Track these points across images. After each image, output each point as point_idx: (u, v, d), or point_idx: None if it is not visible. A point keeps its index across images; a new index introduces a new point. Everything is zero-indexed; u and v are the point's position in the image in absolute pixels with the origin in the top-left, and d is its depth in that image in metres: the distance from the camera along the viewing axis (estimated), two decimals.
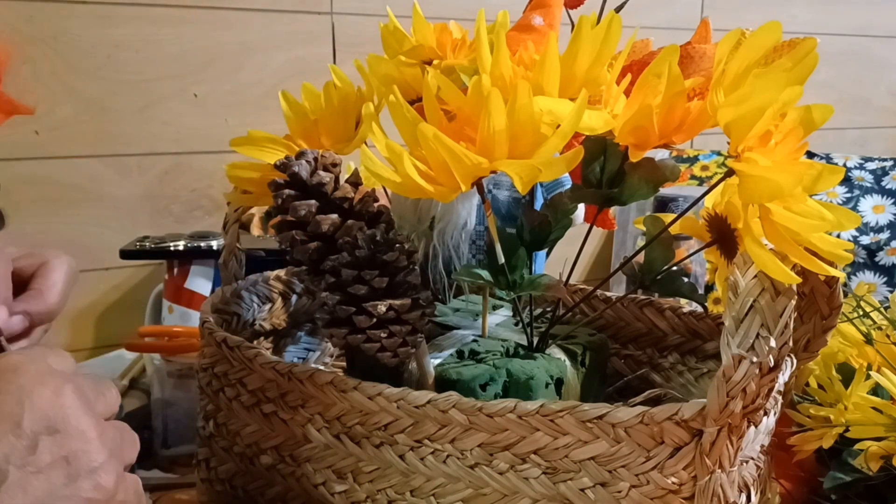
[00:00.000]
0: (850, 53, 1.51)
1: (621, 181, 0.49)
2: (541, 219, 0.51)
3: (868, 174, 1.24)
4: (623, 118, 0.45)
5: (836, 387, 0.57)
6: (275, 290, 0.68)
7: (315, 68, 1.05)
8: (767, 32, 0.41)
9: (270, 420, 0.51)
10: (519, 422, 0.42)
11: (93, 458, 0.35)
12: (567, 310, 0.59)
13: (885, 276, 1.13)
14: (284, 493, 0.52)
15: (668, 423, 0.39)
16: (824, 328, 0.50)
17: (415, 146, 0.44)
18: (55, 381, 0.35)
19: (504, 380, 0.50)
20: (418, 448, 0.45)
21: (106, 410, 0.38)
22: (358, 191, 0.49)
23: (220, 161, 1.02)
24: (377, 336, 0.46)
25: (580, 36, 0.45)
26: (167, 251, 0.87)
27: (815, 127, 0.39)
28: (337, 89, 0.57)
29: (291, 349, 0.70)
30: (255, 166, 0.56)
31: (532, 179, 0.42)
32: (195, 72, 1.00)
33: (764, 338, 0.37)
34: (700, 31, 0.52)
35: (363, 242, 0.46)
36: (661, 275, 0.51)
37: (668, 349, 0.65)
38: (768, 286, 0.38)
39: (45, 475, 0.33)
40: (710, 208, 0.48)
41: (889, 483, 0.52)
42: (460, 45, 0.56)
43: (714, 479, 0.39)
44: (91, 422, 0.36)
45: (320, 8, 1.06)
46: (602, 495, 0.41)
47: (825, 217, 0.38)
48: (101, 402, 0.38)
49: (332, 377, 0.47)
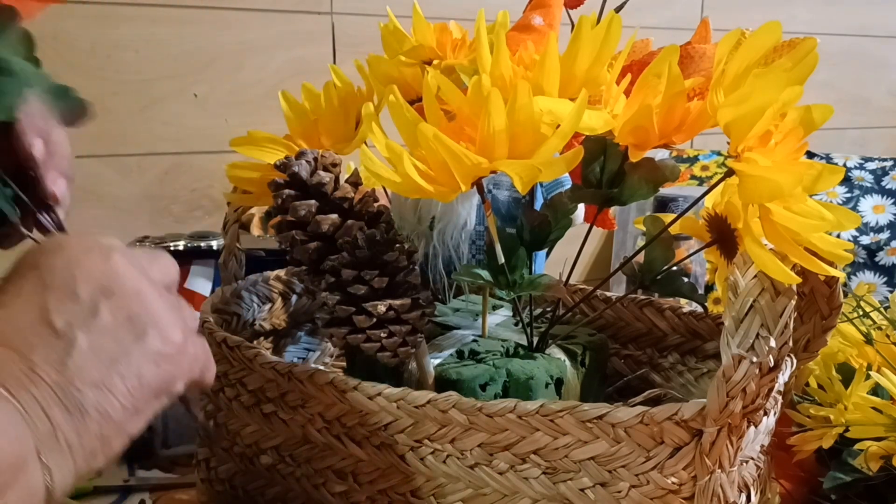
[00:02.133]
0: (850, 53, 1.51)
1: (621, 181, 0.49)
2: (541, 219, 0.51)
3: (868, 174, 1.24)
4: (623, 118, 0.45)
5: (836, 387, 0.57)
6: (275, 290, 0.68)
7: (315, 68, 1.05)
8: (767, 32, 0.41)
9: (270, 420, 0.51)
10: (519, 422, 0.42)
11: (155, 316, 0.35)
12: (567, 310, 0.59)
13: (885, 276, 1.13)
14: (284, 493, 0.52)
15: (668, 423, 0.39)
16: (824, 328, 0.50)
17: (415, 146, 0.44)
18: (101, 249, 0.35)
19: (504, 380, 0.50)
20: (418, 448, 0.45)
21: (161, 276, 0.38)
22: (358, 191, 0.49)
23: (220, 161, 1.02)
24: (377, 336, 0.46)
25: (580, 36, 0.45)
26: (167, 251, 0.87)
27: (815, 127, 0.39)
28: (337, 89, 0.57)
29: (291, 349, 0.70)
30: (255, 166, 0.56)
31: (532, 179, 0.42)
32: (195, 72, 1.00)
33: (764, 338, 0.37)
34: (700, 31, 0.52)
35: (363, 242, 0.46)
36: (661, 275, 0.51)
37: (668, 349, 0.65)
38: (768, 286, 0.38)
39: (112, 336, 0.33)
40: (710, 208, 0.48)
41: (889, 483, 0.52)
42: (460, 45, 0.56)
43: (714, 479, 0.39)
44: (145, 282, 0.35)
45: (320, 8, 1.06)
46: (602, 495, 0.41)
47: (825, 217, 0.38)
48: (156, 267, 0.38)
49: (332, 377, 0.47)
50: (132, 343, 0.34)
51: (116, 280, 0.34)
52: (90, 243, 0.35)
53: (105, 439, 0.32)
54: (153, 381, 0.34)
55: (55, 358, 0.31)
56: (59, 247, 0.35)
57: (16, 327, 0.32)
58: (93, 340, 0.33)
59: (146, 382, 0.34)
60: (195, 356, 0.37)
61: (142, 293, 0.35)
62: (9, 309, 0.32)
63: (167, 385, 0.35)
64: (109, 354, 0.33)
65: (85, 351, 0.32)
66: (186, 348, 0.36)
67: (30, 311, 0.32)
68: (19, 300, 0.33)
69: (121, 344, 0.33)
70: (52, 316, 0.32)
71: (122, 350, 0.33)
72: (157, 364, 0.34)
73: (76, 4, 0.93)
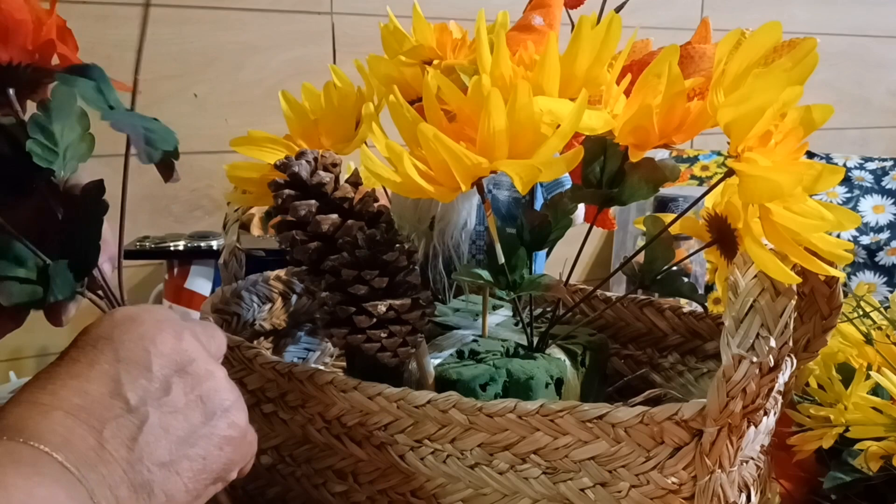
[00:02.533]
0: (850, 53, 1.51)
1: (621, 181, 0.49)
2: (541, 219, 0.51)
3: (868, 174, 1.24)
4: (623, 118, 0.45)
5: (836, 387, 0.57)
6: (275, 290, 0.68)
7: (315, 68, 1.05)
8: (767, 32, 0.41)
9: (270, 420, 0.51)
10: (519, 422, 0.42)
11: (224, 398, 0.35)
12: (567, 310, 0.59)
13: (885, 276, 1.13)
14: (284, 493, 0.52)
15: (668, 423, 0.39)
16: (824, 328, 0.50)
17: (415, 146, 0.44)
18: (173, 326, 0.35)
19: (504, 380, 0.50)
20: (418, 448, 0.45)
21: (217, 352, 0.38)
22: (358, 191, 0.49)
23: (220, 161, 1.02)
24: (377, 336, 0.46)
25: (580, 36, 0.45)
26: (167, 251, 0.87)
27: (815, 127, 0.39)
28: (337, 89, 0.57)
29: (291, 349, 0.70)
30: (255, 166, 0.56)
31: (532, 179, 0.42)
32: (195, 72, 1.00)
33: (764, 338, 0.37)
34: (700, 31, 0.52)
35: (363, 242, 0.46)
36: (661, 275, 0.51)
37: (668, 349, 0.65)
38: (768, 286, 0.38)
39: (183, 415, 0.33)
40: (710, 208, 0.48)
41: (889, 483, 0.52)
42: (460, 45, 0.56)
43: (714, 479, 0.39)
44: (214, 364, 0.35)
45: (320, 8, 1.06)
46: (602, 495, 0.41)
47: (825, 217, 0.38)
48: (213, 344, 0.38)
49: (332, 377, 0.47)
50: (201, 425, 0.34)
51: (188, 359, 0.34)
52: (161, 317, 0.35)
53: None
54: (215, 466, 0.34)
55: (126, 434, 0.31)
56: (132, 320, 0.34)
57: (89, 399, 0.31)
58: (164, 418, 0.32)
59: (209, 466, 0.33)
60: (251, 443, 0.37)
61: (214, 375, 0.35)
62: (82, 380, 0.32)
63: (226, 471, 0.35)
64: (179, 434, 0.33)
65: (156, 428, 0.32)
66: (247, 435, 0.36)
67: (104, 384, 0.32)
68: (93, 372, 0.32)
69: (191, 424, 0.33)
70: (126, 390, 0.32)
71: (192, 430, 0.33)
72: (220, 448, 0.34)
73: (76, 4, 0.93)
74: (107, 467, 0.30)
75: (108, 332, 0.33)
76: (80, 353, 0.33)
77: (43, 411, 0.30)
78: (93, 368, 0.32)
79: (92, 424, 0.30)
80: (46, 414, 0.30)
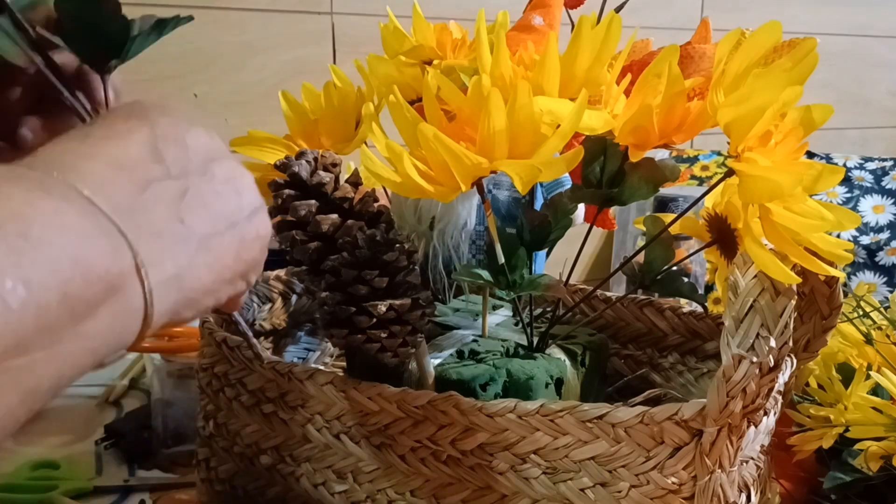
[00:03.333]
0: (850, 53, 1.51)
1: (621, 181, 0.49)
2: (541, 219, 0.51)
3: (868, 174, 1.24)
4: (623, 118, 0.45)
5: (836, 387, 0.57)
6: (275, 290, 0.68)
7: (315, 68, 1.05)
8: (767, 32, 0.41)
9: (270, 420, 0.51)
10: (519, 422, 0.42)
11: (256, 198, 0.33)
12: (567, 310, 0.59)
13: (885, 276, 1.13)
14: (284, 493, 0.52)
15: (668, 423, 0.39)
16: (824, 328, 0.50)
17: (415, 146, 0.44)
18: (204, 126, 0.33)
19: (504, 380, 0.50)
20: (418, 448, 0.45)
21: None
22: (358, 191, 0.49)
23: None
24: (377, 336, 0.46)
25: (580, 36, 0.45)
26: None
27: (815, 127, 0.39)
28: (337, 89, 0.57)
29: (291, 349, 0.70)
30: (254, 166, 0.56)
31: (532, 179, 0.42)
32: (195, 72, 1.00)
33: (764, 338, 0.37)
34: (700, 31, 0.52)
35: (363, 242, 0.46)
36: (661, 275, 0.51)
37: (668, 349, 0.65)
38: (768, 286, 0.38)
39: (222, 196, 0.31)
40: (710, 208, 0.48)
41: (889, 483, 0.52)
42: (460, 45, 0.56)
43: (714, 479, 0.39)
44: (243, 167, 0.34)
45: (320, 8, 1.06)
46: (602, 495, 0.41)
47: (825, 217, 0.38)
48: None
49: (332, 377, 0.47)
50: (236, 212, 0.32)
51: (223, 153, 0.32)
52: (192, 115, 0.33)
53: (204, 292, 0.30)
54: (247, 257, 0.32)
55: (169, 197, 0.29)
56: (164, 109, 0.32)
57: (131, 160, 0.28)
58: (204, 194, 0.30)
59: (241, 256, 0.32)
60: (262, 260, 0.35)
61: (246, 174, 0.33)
62: (121, 142, 0.29)
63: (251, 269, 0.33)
64: (218, 212, 0.31)
65: (197, 198, 0.30)
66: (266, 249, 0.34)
67: (144, 150, 0.29)
68: (132, 139, 0.29)
69: (228, 208, 0.31)
70: (167, 158, 0.29)
71: (229, 214, 0.31)
72: (254, 241, 0.32)
73: None
74: (147, 216, 0.27)
75: (142, 112, 0.31)
76: (114, 121, 0.30)
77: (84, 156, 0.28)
78: (131, 136, 0.30)
79: (134, 181, 0.28)
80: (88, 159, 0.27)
